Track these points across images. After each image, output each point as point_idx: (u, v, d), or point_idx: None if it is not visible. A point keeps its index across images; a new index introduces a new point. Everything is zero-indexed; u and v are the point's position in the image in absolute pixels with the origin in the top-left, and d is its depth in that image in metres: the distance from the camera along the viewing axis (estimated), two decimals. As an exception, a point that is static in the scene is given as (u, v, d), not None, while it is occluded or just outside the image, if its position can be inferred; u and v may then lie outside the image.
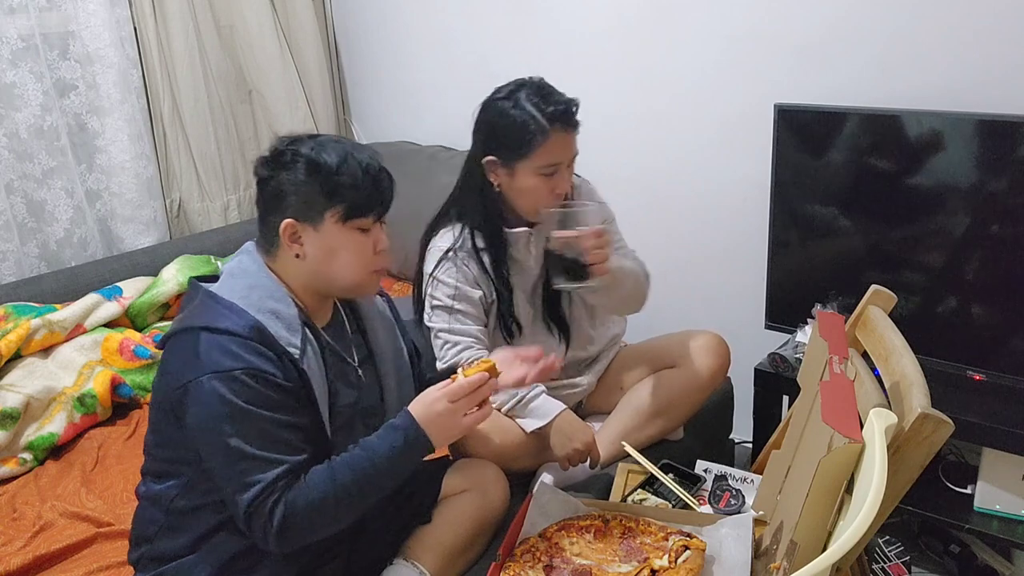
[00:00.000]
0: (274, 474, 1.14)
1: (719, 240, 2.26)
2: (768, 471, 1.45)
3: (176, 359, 1.20)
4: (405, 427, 1.21)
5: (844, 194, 1.86)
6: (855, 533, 0.92)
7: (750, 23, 2.05)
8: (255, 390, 1.15)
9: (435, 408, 1.22)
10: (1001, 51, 1.72)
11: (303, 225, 1.23)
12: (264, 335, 1.18)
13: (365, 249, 1.26)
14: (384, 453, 1.20)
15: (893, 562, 1.77)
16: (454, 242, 1.65)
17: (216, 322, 1.17)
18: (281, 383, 1.17)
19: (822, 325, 1.34)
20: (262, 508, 1.14)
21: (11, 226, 2.37)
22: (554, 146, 1.55)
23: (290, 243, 1.23)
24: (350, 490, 1.17)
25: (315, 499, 1.15)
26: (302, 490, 1.16)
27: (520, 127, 1.55)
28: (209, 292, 1.23)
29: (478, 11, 2.58)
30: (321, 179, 1.21)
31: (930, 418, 1.02)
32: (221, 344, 1.15)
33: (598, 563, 1.31)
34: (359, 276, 1.27)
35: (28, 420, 1.92)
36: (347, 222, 1.23)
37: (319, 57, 2.93)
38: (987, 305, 1.73)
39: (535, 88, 1.59)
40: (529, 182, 1.58)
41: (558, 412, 1.60)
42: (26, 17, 2.33)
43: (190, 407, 1.15)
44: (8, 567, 1.50)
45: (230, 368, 1.14)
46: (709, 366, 1.73)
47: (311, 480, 1.17)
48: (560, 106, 1.56)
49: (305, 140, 1.25)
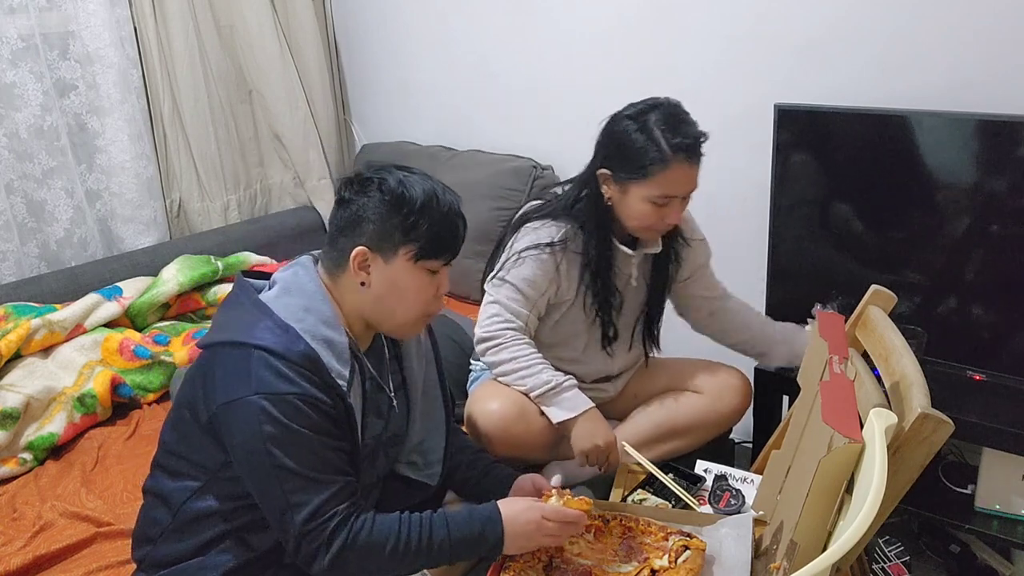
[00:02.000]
0: (327, 495, 1.15)
1: (719, 240, 2.25)
2: (768, 471, 1.45)
3: (224, 372, 1.17)
4: (486, 521, 1.22)
5: (844, 194, 1.86)
6: (855, 533, 0.93)
7: (750, 23, 2.05)
8: (305, 414, 1.14)
9: (524, 520, 1.23)
10: (1001, 51, 1.72)
11: (374, 255, 1.22)
12: (317, 365, 1.17)
13: (428, 291, 1.25)
14: (459, 533, 1.21)
15: (893, 562, 1.77)
16: (557, 237, 1.63)
17: (270, 343, 1.15)
18: (329, 411, 1.17)
19: (822, 325, 1.34)
20: (321, 531, 1.13)
21: (11, 226, 2.37)
22: (672, 177, 1.52)
23: (357, 270, 1.22)
24: (411, 547, 1.18)
25: (377, 541, 1.16)
26: (365, 528, 1.16)
27: (640, 151, 1.52)
28: (262, 305, 1.21)
29: (478, 11, 2.58)
30: (402, 215, 1.20)
31: (930, 418, 1.02)
32: (274, 367, 1.14)
33: (598, 563, 1.31)
34: (414, 317, 1.26)
35: (28, 420, 1.92)
36: (419, 261, 1.22)
37: (319, 57, 2.93)
38: (987, 305, 1.73)
39: (667, 113, 1.54)
40: (639, 207, 1.56)
41: (587, 408, 1.59)
42: (26, 17, 2.33)
43: (235, 425, 1.14)
44: (8, 567, 1.50)
45: (283, 392, 1.13)
46: (735, 407, 1.77)
47: (379, 522, 1.18)
48: (688, 139, 1.51)
49: (394, 171, 1.24)
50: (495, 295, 1.64)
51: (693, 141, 1.52)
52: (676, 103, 1.58)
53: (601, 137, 1.60)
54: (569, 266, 1.65)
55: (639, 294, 1.75)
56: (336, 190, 1.26)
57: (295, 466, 1.13)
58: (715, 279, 1.85)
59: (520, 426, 1.58)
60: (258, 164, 2.95)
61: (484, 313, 1.64)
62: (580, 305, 1.69)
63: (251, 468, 1.15)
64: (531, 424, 1.60)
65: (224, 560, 1.22)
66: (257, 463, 1.14)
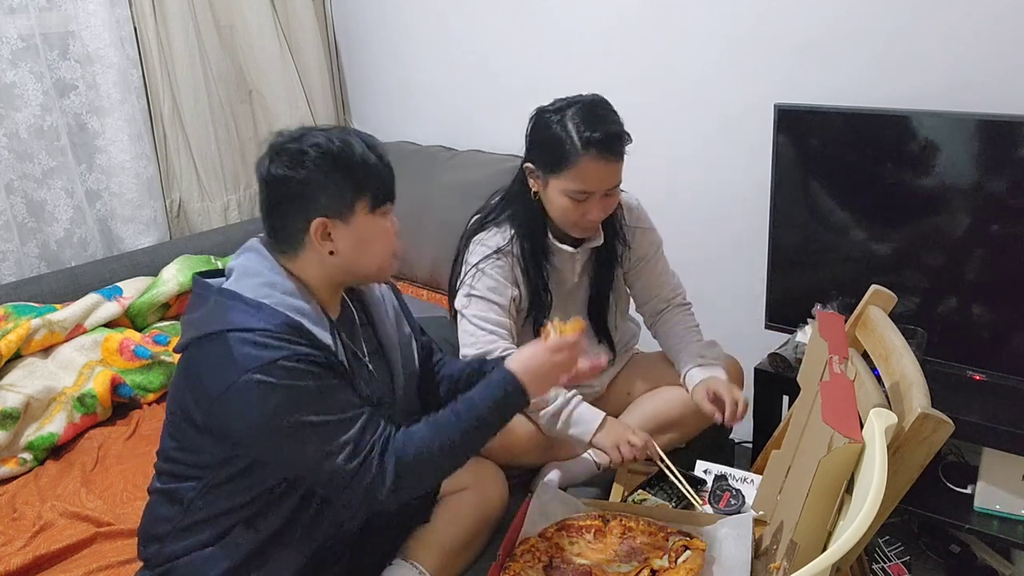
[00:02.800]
0: (357, 427, 1.15)
1: (719, 240, 2.26)
2: (768, 471, 1.45)
3: (208, 366, 1.14)
4: (504, 381, 1.24)
5: (844, 194, 1.86)
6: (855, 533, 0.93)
7: (750, 23, 2.05)
8: (301, 371, 1.12)
9: (537, 360, 1.26)
10: (1001, 51, 1.72)
11: (333, 221, 1.19)
12: (302, 331, 1.15)
13: (391, 233, 1.26)
14: (486, 407, 1.23)
15: (893, 562, 1.77)
16: (502, 243, 1.63)
17: (244, 322, 1.13)
18: (324, 363, 1.15)
19: (822, 325, 1.34)
20: (368, 464, 1.14)
21: (11, 226, 2.37)
22: (584, 172, 1.50)
23: (322, 241, 1.19)
24: (455, 442, 1.20)
25: (422, 450, 1.18)
26: (405, 442, 1.18)
27: (555, 143, 1.52)
28: (227, 292, 1.18)
29: (478, 11, 2.58)
30: (347, 171, 1.18)
31: (930, 418, 1.02)
32: (253, 341, 1.11)
33: (598, 563, 1.31)
34: (386, 261, 1.27)
35: (28, 420, 1.92)
36: (375, 210, 1.22)
37: (319, 57, 2.93)
38: (987, 305, 1.73)
39: (586, 108, 1.52)
40: (559, 201, 1.56)
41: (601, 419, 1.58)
42: (26, 17, 2.33)
43: (236, 411, 1.12)
44: (8, 567, 1.50)
45: (270, 359, 1.10)
46: None
47: (415, 433, 1.19)
48: (598, 134, 1.49)
49: (314, 133, 1.20)
50: (469, 312, 1.63)
51: (605, 136, 1.49)
52: (600, 99, 1.56)
53: (526, 130, 1.60)
54: (518, 268, 1.65)
55: (584, 291, 1.74)
56: (264, 172, 1.20)
57: (314, 418, 1.12)
58: (666, 280, 1.80)
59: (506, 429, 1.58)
60: (258, 164, 2.95)
61: (465, 331, 1.62)
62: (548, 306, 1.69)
63: (272, 444, 1.14)
64: (518, 426, 1.60)
65: (234, 546, 1.22)
66: (275, 436, 1.12)
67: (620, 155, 1.53)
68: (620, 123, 1.54)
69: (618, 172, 1.55)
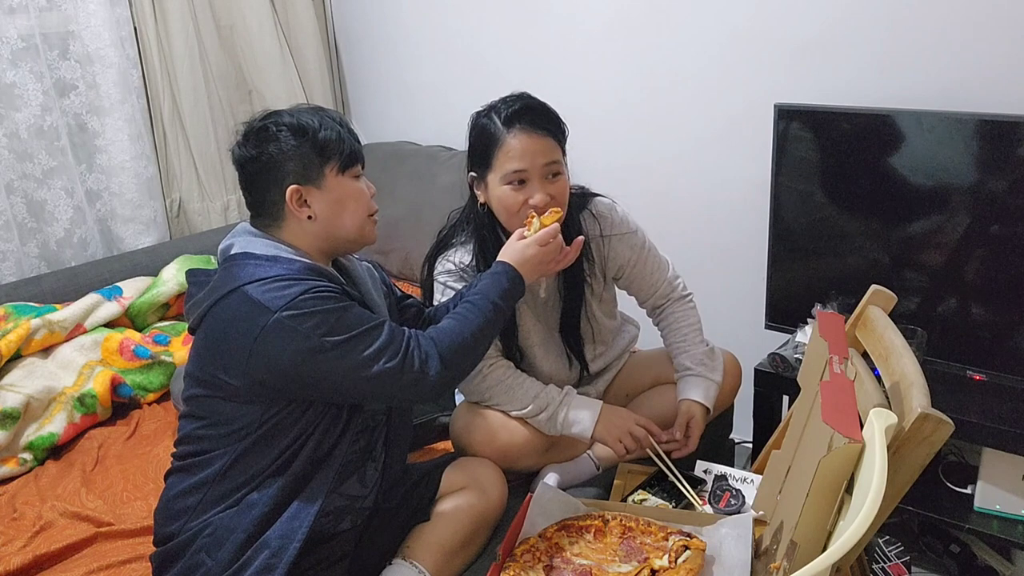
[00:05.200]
0: (387, 329, 1.24)
1: (719, 240, 2.26)
2: (768, 471, 1.45)
3: (234, 322, 1.21)
4: (503, 272, 1.40)
5: (844, 194, 1.86)
6: (855, 533, 0.92)
7: (750, 23, 2.05)
8: (323, 297, 1.20)
9: (527, 253, 1.41)
10: (1001, 51, 1.72)
11: (307, 187, 1.28)
12: (321, 272, 1.26)
13: (364, 194, 1.35)
14: (497, 295, 1.37)
15: (893, 562, 1.77)
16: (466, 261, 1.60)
17: (259, 274, 1.21)
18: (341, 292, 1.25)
19: (822, 325, 1.34)
20: (411, 358, 1.23)
21: (11, 226, 2.37)
22: (513, 150, 1.48)
23: (298, 208, 1.28)
24: (480, 325, 1.33)
25: (456, 337, 1.30)
26: (440, 334, 1.30)
27: (484, 135, 1.52)
28: (236, 256, 1.27)
29: (478, 11, 2.58)
30: (311, 140, 1.28)
31: (930, 418, 1.02)
32: (273, 285, 1.20)
33: (598, 563, 1.31)
34: (363, 220, 1.35)
35: (28, 420, 1.92)
36: (344, 172, 1.31)
37: (319, 57, 2.93)
38: (987, 305, 1.73)
39: (510, 98, 1.53)
40: (499, 193, 1.51)
41: (597, 409, 1.58)
42: (26, 17, 2.33)
43: (274, 351, 1.18)
44: (8, 567, 1.50)
45: (294, 295, 1.18)
46: (725, 388, 1.75)
47: (442, 328, 1.32)
48: (516, 107, 1.48)
49: (278, 112, 1.32)
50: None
51: (524, 108, 1.49)
52: (526, 93, 1.56)
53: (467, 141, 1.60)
54: None
55: (554, 307, 1.68)
56: (234, 156, 1.32)
57: (347, 335, 1.20)
58: (660, 276, 1.75)
59: (504, 435, 1.58)
60: (258, 164, 2.95)
61: None
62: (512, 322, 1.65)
63: (317, 371, 1.20)
64: (514, 432, 1.59)
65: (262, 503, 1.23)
66: (318, 361, 1.19)
67: (548, 130, 1.50)
68: (547, 105, 1.54)
69: (550, 148, 1.50)
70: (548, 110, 1.54)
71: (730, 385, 1.79)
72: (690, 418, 1.63)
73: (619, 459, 1.61)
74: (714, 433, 1.93)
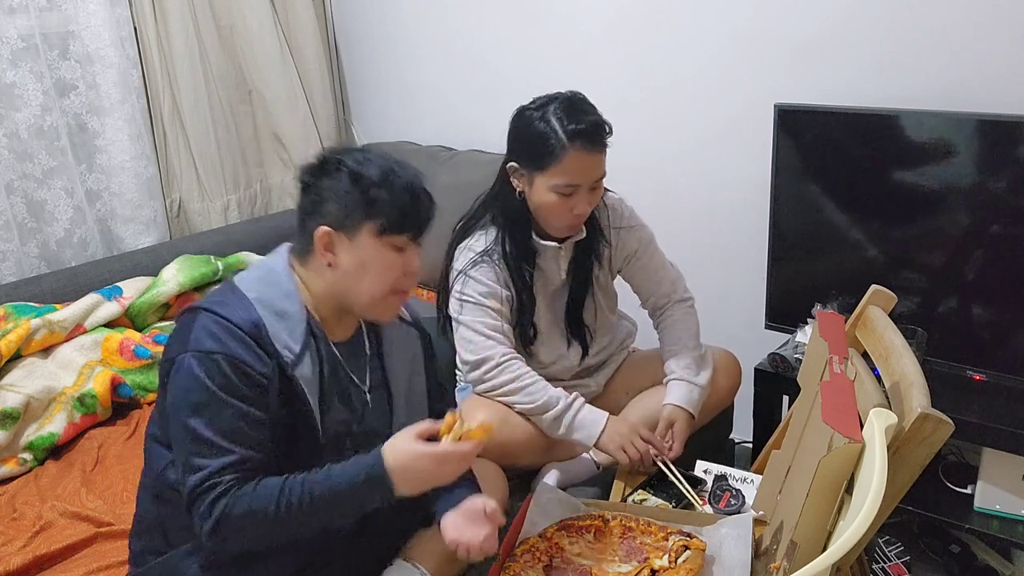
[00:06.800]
0: (222, 462, 1.13)
1: (719, 240, 2.26)
2: (768, 471, 1.45)
3: (174, 335, 1.22)
4: (370, 467, 1.15)
5: (844, 194, 1.86)
6: (855, 533, 0.93)
7: (750, 23, 2.05)
8: (225, 375, 1.15)
9: (417, 464, 1.15)
10: (1001, 51, 1.72)
11: (339, 234, 1.22)
12: (261, 333, 1.19)
13: (394, 268, 1.24)
14: (342, 484, 1.15)
15: (893, 562, 1.77)
16: (487, 245, 1.64)
17: (219, 308, 1.19)
18: (258, 379, 1.17)
19: (822, 325, 1.34)
20: (204, 497, 1.12)
21: (11, 226, 2.37)
22: (571, 165, 1.51)
23: (324, 250, 1.22)
24: (293, 509, 1.13)
25: (256, 507, 1.12)
26: (247, 494, 1.12)
27: (539, 139, 1.52)
28: (231, 282, 1.26)
29: (478, 11, 2.58)
30: (361, 190, 1.20)
31: (930, 418, 1.02)
32: (213, 327, 1.17)
33: (598, 563, 1.31)
34: (381, 295, 1.25)
35: (28, 420, 1.92)
36: (382, 237, 1.22)
37: (319, 57, 2.93)
38: (987, 305, 1.73)
39: (566, 102, 1.54)
40: (545, 197, 1.56)
41: (604, 420, 1.59)
42: (26, 17, 2.33)
43: (171, 383, 1.18)
44: (8, 567, 1.50)
45: (210, 350, 1.15)
46: (724, 387, 1.77)
47: (260, 488, 1.14)
48: (582, 125, 1.51)
49: (352, 151, 1.25)
50: (464, 318, 1.62)
51: (589, 127, 1.51)
52: (578, 94, 1.58)
53: (509, 131, 1.60)
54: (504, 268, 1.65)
55: (561, 293, 1.73)
56: (298, 177, 1.27)
57: (203, 427, 1.13)
58: (664, 274, 1.79)
59: (504, 432, 1.58)
60: (258, 164, 2.95)
61: (463, 337, 1.63)
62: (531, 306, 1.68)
63: (172, 423, 1.17)
64: (516, 429, 1.60)
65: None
66: (176, 418, 1.16)
67: (604, 146, 1.55)
68: (600, 115, 1.56)
69: (603, 163, 1.57)
70: (604, 125, 1.55)
71: (730, 385, 1.80)
72: (671, 423, 1.64)
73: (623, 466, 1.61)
74: (714, 433, 1.94)
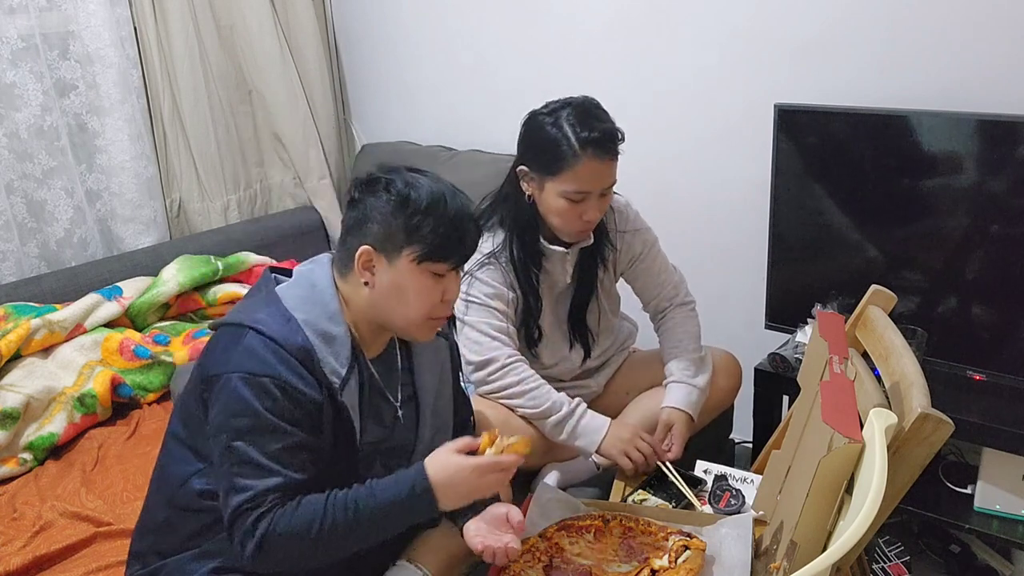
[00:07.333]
0: (267, 484, 1.12)
1: (719, 240, 2.26)
2: (768, 471, 1.45)
3: (219, 349, 1.20)
4: (414, 481, 1.17)
5: (844, 194, 1.86)
6: (855, 533, 0.93)
7: (750, 23, 2.05)
8: (278, 401, 1.14)
9: (459, 477, 1.17)
10: (1001, 51, 1.72)
11: (379, 255, 1.21)
12: (311, 358, 1.17)
13: (432, 294, 1.23)
14: (386, 500, 1.16)
15: (893, 562, 1.77)
16: (495, 247, 1.64)
17: (267, 328, 1.17)
18: (307, 404, 1.16)
19: (822, 325, 1.34)
20: (246, 517, 1.12)
21: (11, 226, 2.37)
22: (583, 173, 1.51)
23: (362, 270, 1.22)
24: (338, 527, 1.13)
25: (298, 527, 1.12)
26: (289, 514, 1.12)
27: (552, 145, 1.52)
28: (273, 295, 1.23)
29: (478, 11, 2.58)
30: (406, 216, 1.19)
31: (930, 418, 1.02)
32: (262, 349, 1.15)
33: (598, 563, 1.31)
34: (418, 319, 1.24)
35: (28, 420, 1.92)
36: (422, 264, 1.21)
37: (319, 57, 2.93)
38: (987, 305, 1.73)
39: (579, 109, 1.54)
40: (555, 203, 1.55)
41: (606, 426, 1.59)
42: (26, 17, 2.33)
43: (215, 400, 1.16)
44: (8, 567, 1.50)
45: (258, 373, 1.14)
46: (724, 387, 1.78)
47: (302, 506, 1.14)
48: (596, 133, 1.50)
49: (403, 172, 1.23)
50: (470, 319, 1.62)
51: (602, 135, 1.51)
52: (591, 100, 1.57)
53: (520, 134, 1.60)
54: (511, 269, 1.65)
55: (565, 294, 1.74)
56: (347, 190, 1.27)
57: (249, 450, 1.13)
58: (666, 277, 1.80)
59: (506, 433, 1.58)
60: (258, 164, 2.94)
61: (468, 338, 1.62)
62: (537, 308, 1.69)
63: (215, 442, 1.16)
64: (516, 431, 1.59)
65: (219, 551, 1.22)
66: (220, 438, 1.15)
67: (616, 154, 1.55)
68: (613, 122, 1.55)
69: (614, 171, 1.56)
70: (617, 133, 1.55)
71: (730, 385, 1.80)
72: (670, 425, 1.64)
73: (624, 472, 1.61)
74: (714, 433, 1.94)
